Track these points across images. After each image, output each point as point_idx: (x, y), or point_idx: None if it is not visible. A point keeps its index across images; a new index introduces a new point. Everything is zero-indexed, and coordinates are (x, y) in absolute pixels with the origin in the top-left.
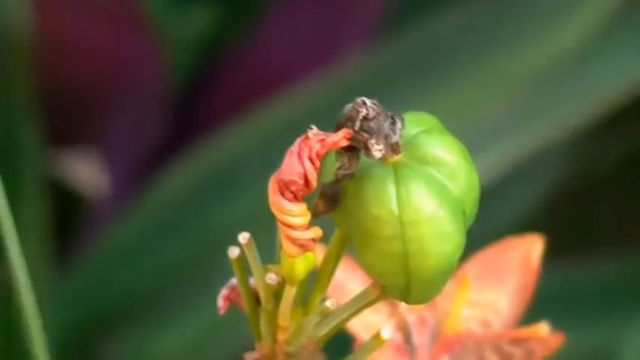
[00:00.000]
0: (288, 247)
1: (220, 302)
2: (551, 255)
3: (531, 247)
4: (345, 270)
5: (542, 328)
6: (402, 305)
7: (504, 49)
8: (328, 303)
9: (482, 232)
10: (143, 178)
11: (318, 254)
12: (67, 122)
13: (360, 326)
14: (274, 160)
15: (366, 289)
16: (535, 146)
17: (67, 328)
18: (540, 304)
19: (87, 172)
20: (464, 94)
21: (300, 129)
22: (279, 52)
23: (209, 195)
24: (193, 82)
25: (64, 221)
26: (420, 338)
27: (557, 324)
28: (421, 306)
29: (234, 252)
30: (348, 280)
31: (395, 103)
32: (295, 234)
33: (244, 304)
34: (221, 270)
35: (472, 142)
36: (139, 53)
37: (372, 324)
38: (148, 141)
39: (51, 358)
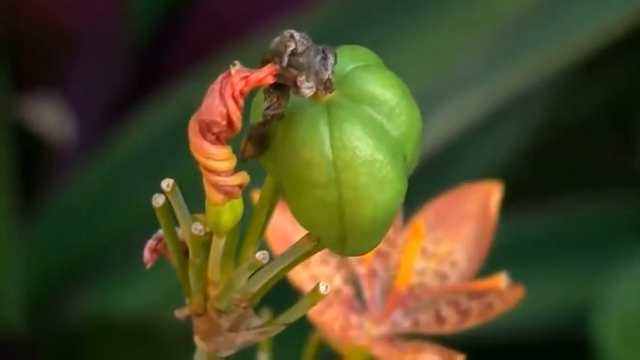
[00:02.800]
0: (212, 194)
1: (147, 255)
2: (533, 200)
3: (489, 195)
4: (291, 220)
5: (502, 281)
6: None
7: None
8: (259, 255)
9: (461, 179)
10: (108, 125)
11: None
12: (32, 67)
13: (307, 279)
14: None
15: (300, 240)
16: (512, 91)
17: (31, 277)
18: (519, 250)
19: (52, 117)
20: (438, 38)
21: None
22: None
23: (176, 141)
24: (158, 28)
25: (29, 166)
26: (370, 292)
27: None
28: (371, 257)
29: (158, 200)
30: (294, 231)
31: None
32: (219, 180)
33: (171, 257)
34: None
35: (448, 87)
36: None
37: (320, 277)
38: (113, 87)
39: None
